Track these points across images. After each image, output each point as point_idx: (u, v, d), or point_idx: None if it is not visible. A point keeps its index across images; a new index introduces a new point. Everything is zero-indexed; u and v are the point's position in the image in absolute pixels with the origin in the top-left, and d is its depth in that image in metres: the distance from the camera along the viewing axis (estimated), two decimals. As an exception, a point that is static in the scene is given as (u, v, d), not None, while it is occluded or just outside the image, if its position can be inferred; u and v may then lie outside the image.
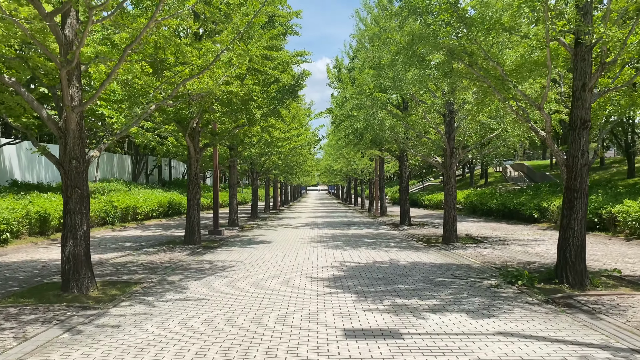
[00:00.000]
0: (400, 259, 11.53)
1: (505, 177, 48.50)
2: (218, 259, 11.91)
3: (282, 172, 36.28)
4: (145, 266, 10.74)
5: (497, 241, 15.03)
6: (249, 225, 22.89)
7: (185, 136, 14.37)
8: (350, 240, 16.06)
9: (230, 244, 15.15)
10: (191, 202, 15.07)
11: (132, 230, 20.63)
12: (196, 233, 15.05)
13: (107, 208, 21.26)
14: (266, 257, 11.99)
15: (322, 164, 55.49)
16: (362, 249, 13.58)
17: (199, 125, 14.94)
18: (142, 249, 13.76)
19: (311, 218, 29.26)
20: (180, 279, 9.19)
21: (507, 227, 20.10)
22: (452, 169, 14.93)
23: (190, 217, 15.04)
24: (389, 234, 18.13)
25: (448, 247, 13.62)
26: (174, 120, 13.97)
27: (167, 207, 28.53)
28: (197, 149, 15.01)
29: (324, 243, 15.11)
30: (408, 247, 13.85)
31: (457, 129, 14.41)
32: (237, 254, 12.68)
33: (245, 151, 21.72)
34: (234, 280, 8.96)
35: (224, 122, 16.56)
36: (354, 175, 42.65)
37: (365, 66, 15.12)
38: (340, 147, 32.74)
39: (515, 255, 11.81)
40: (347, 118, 19.93)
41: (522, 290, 7.67)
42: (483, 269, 9.93)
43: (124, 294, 7.85)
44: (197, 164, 15.12)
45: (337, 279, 8.92)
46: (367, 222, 24.71)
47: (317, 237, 17.02)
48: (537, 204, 21.37)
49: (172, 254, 12.76)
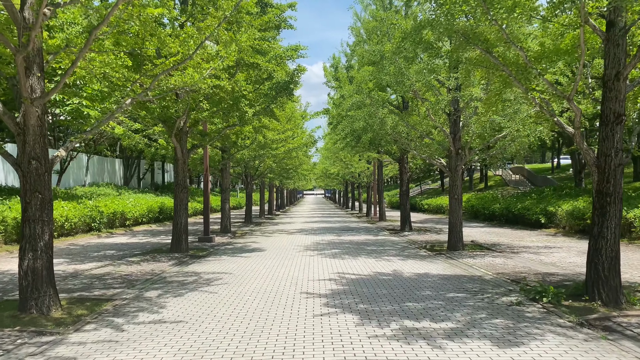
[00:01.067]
0: (405, 269, 10.53)
1: (506, 180, 47.63)
2: (205, 270, 10.88)
3: (278, 175, 35.26)
4: (123, 279, 9.70)
5: (506, 249, 14.05)
6: (242, 232, 21.84)
7: (172, 136, 13.35)
8: (348, 247, 15.04)
9: (220, 253, 14.11)
10: (178, 208, 14.04)
11: (118, 237, 19.57)
12: (183, 241, 14.02)
13: (92, 213, 20.19)
14: (257, 268, 10.97)
15: (319, 167, 54.47)
16: (362, 257, 12.57)
17: (187, 125, 13.93)
18: (125, 258, 12.72)
19: (307, 223, 28.24)
20: (159, 294, 8.15)
21: (514, 233, 19.13)
22: (457, 171, 13.96)
23: (177, 223, 14.01)
24: (390, 241, 17.13)
25: (454, 256, 12.64)
26: (158, 120, 12.96)
27: (157, 212, 27.46)
28: (184, 150, 14.00)
29: (320, 251, 14.09)
30: (411, 256, 12.85)
31: (463, 129, 13.45)
32: (226, 264, 11.65)
33: (238, 154, 20.70)
34: (219, 296, 7.94)
35: (214, 121, 15.56)
36: (351, 179, 41.67)
37: (365, 61, 14.17)
38: (338, 149, 31.77)
39: (530, 265, 10.82)
40: (344, 118, 18.96)
41: (548, 309, 6.68)
42: (497, 281, 8.93)
43: (92, 313, 6.81)
44: (185, 167, 14.11)
45: (336, 294, 7.91)
46: (366, 228, 23.70)
47: (314, 245, 16.01)
48: (543, 209, 20.43)
49: (155, 264, 11.72)
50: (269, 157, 22.46)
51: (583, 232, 17.33)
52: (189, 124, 14.34)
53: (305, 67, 13.46)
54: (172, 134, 13.33)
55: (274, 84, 13.11)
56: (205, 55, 9.53)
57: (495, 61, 6.75)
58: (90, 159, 35.80)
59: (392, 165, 34.24)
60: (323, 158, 49.95)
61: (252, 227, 24.84)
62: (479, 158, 14.29)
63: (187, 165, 14.17)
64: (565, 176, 40.72)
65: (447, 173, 14.14)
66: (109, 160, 40.65)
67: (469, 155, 13.66)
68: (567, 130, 7.01)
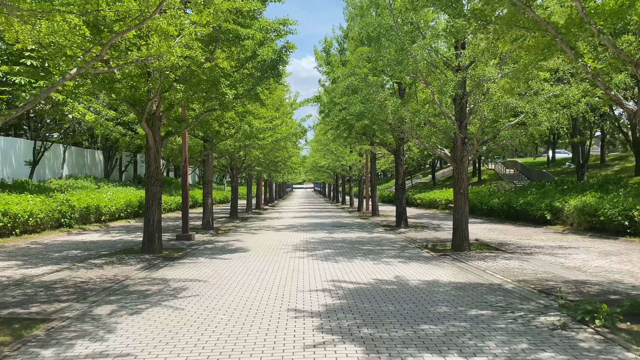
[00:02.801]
0: (409, 275, 9.05)
1: (499, 175, 46.48)
2: (176, 276, 9.30)
3: (266, 168, 33.63)
4: (76, 288, 8.11)
5: (517, 249, 12.64)
6: (225, 228, 20.25)
7: (142, 122, 11.72)
8: (342, 247, 13.54)
9: (197, 253, 12.53)
10: (150, 203, 12.43)
11: (90, 233, 17.89)
12: (156, 240, 12.42)
13: (62, 208, 18.47)
14: (238, 274, 9.42)
15: (309, 160, 52.92)
16: (358, 260, 11.07)
17: (160, 109, 12.30)
18: (87, 260, 11.11)
19: (297, 219, 26.70)
20: (111, 311, 6.58)
21: (518, 230, 17.76)
22: (463, 162, 12.50)
23: (149, 220, 12.40)
24: (386, 239, 15.66)
25: (462, 258, 11.20)
26: (125, 102, 11.31)
27: (137, 207, 25.74)
28: (157, 137, 12.37)
29: (311, 252, 12.57)
30: (413, 258, 11.38)
31: (472, 115, 11.98)
32: (202, 269, 10.08)
33: (221, 144, 19.07)
34: (185, 315, 6.39)
35: (193, 107, 13.95)
36: (341, 172, 40.19)
37: (361, 38, 12.59)
38: (329, 140, 30.29)
39: (552, 270, 9.40)
40: (337, 105, 17.41)
41: (604, 335, 5.22)
42: (523, 292, 7.49)
43: (15, 342, 5.24)
44: (158, 156, 12.49)
45: (332, 313, 6.39)
46: (359, 224, 22.22)
47: (303, 244, 14.48)
48: (548, 204, 19.09)
49: (120, 268, 10.13)
50: (255, 148, 20.85)
51: (594, 229, 16.01)
52: (163, 108, 12.70)
53: (294, 45, 11.87)
54: (143, 119, 11.70)
55: (258, 62, 11.51)
56: (173, 21, 7.93)
57: (537, 17, 5.27)
58: (67, 149, 33.89)
59: (385, 159, 32.79)
60: (313, 151, 48.43)
61: (237, 223, 23.25)
62: (488, 148, 12.85)
63: (160, 154, 12.55)
64: (561, 170, 39.61)
65: (452, 165, 12.68)
66: (88, 152, 38.72)
67: (477, 145, 12.20)
68: (627, 107, 5.53)
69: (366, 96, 11.16)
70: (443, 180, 56.95)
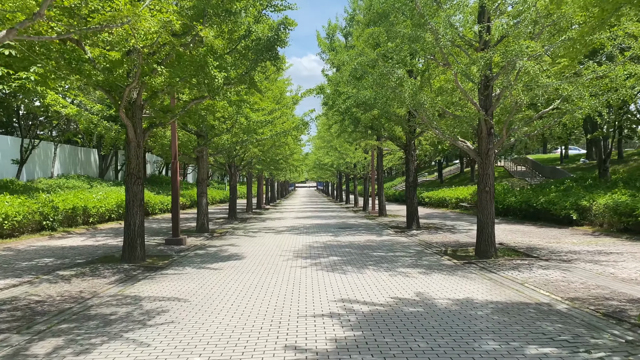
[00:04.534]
0: (434, 292, 7.47)
1: (510, 172, 44.76)
2: (152, 292, 7.75)
3: (267, 166, 32.04)
4: (26, 310, 6.57)
5: (550, 255, 11.04)
6: (222, 230, 18.69)
7: (119, 111, 10.15)
8: (349, 253, 11.95)
9: (185, 262, 10.96)
10: (130, 204, 10.88)
11: (74, 237, 16.36)
12: (138, 246, 10.87)
13: (44, 210, 16.94)
14: (227, 290, 7.85)
15: (311, 158, 51.28)
16: (370, 270, 9.49)
17: (141, 97, 10.74)
18: (56, 272, 9.57)
19: (299, 219, 25.13)
20: (54, 349, 5.02)
21: (542, 232, 16.14)
22: (489, 156, 10.90)
23: (129, 224, 10.85)
24: (398, 243, 14.07)
25: (490, 266, 9.61)
26: (99, 87, 9.74)
27: (130, 207, 24.17)
28: (138, 129, 10.82)
29: (315, 259, 10.99)
30: (434, 267, 9.79)
31: (500, 101, 10.38)
32: (186, 282, 8.52)
33: (216, 138, 17.50)
34: (149, 355, 4.82)
35: (181, 96, 12.41)
36: (345, 170, 38.58)
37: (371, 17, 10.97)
38: (332, 136, 28.72)
39: (605, 284, 7.80)
40: (341, 95, 15.81)
41: None
42: (584, 317, 5.90)
43: None
44: (140, 151, 10.93)
45: (344, 352, 4.80)
46: (366, 225, 20.63)
47: (306, 249, 12.91)
48: (574, 203, 17.45)
49: (91, 282, 8.60)
50: (253, 144, 19.26)
51: (629, 230, 14.39)
52: (145, 96, 11.15)
53: (294, 21, 10.27)
54: (121, 108, 10.13)
55: (252, 41, 9.92)
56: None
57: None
58: (59, 147, 32.38)
59: (392, 155, 31.15)
60: (315, 148, 46.82)
61: (235, 225, 21.69)
62: (517, 139, 11.24)
63: (142, 149, 10.98)
64: (576, 167, 37.87)
65: (476, 159, 11.08)
66: (83, 150, 37.20)
67: (506, 136, 10.60)
68: None
69: (377, 79, 9.54)
70: (450, 178, 55.29)
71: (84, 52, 9.16)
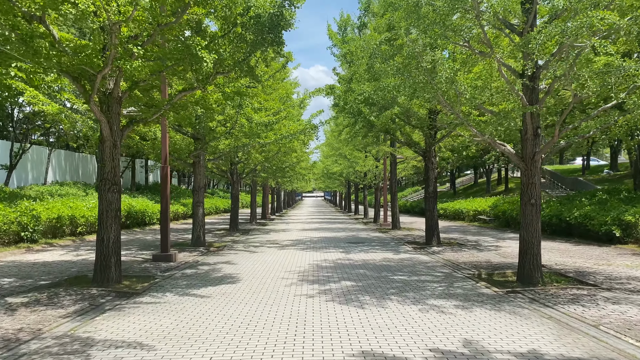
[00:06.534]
0: (485, 341, 5.57)
1: (527, 183, 42.67)
2: (110, 334, 5.90)
3: (272, 174, 30.24)
4: None
5: (608, 281, 9.09)
6: (220, 244, 16.85)
7: (90, 102, 8.39)
8: (365, 276, 10.06)
9: (168, 285, 9.12)
10: (104, 216, 9.09)
11: (54, 250, 14.62)
12: (112, 266, 9.06)
13: (22, 219, 15.20)
14: (207, 335, 5.99)
15: (319, 167, 49.46)
16: (394, 302, 7.59)
17: (119, 87, 8.99)
18: (5, 297, 7.79)
19: (305, 231, 23.25)
20: None
21: (582, 251, 14.15)
22: (535, 161, 9.03)
23: (102, 239, 9.05)
24: (420, 262, 12.15)
25: (541, 297, 7.71)
26: (63, 72, 7.99)
27: (124, 217, 22.49)
28: (114, 126, 9.05)
29: (323, 285, 9.11)
30: (472, 298, 7.88)
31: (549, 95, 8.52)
32: (159, 318, 6.67)
33: (214, 142, 15.73)
34: None
35: (169, 84, 10.67)
36: (355, 179, 36.71)
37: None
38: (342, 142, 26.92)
39: None
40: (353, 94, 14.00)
41: None
42: None
43: None
44: (116, 152, 9.16)
45: None
46: (379, 239, 18.71)
47: (313, 269, 11.03)
48: (616, 218, 15.46)
49: (42, 313, 6.79)
50: (255, 149, 17.47)
51: (688, 251, 12.40)
52: (124, 87, 9.40)
53: (301, -4, 8.48)
54: (91, 99, 8.37)
55: (251, 19, 8.14)
56: None
57: None
58: (53, 153, 30.79)
59: (405, 164, 29.27)
60: (323, 157, 45.01)
61: (236, 237, 19.86)
62: (569, 141, 9.34)
63: (119, 149, 9.20)
64: (599, 178, 35.77)
65: (520, 165, 9.19)
66: (80, 156, 35.61)
67: (558, 136, 8.71)
68: None
69: (404, 62, 7.68)
70: (463, 188, 53.25)
71: (49, 31, 7.44)
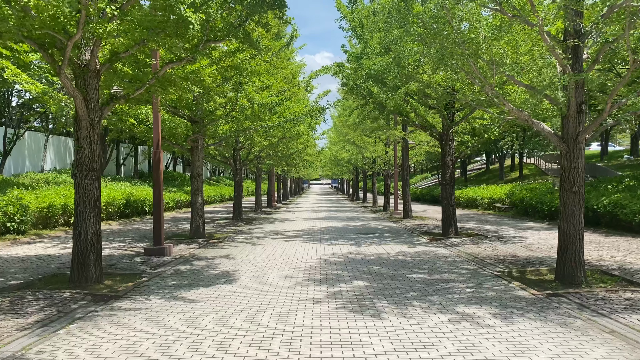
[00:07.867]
0: (541, 365, 4.37)
1: (542, 169, 41.20)
2: (71, 355, 4.76)
3: (277, 161, 29.04)
4: None
5: (664, 282, 7.84)
6: (221, 235, 15.72)
7: (60, 75, 7.19)
8: (380, 274, 8.85)
9: (153, 287, 7.97)
10: (81, 206, 7.93)
11: (41, 243, 13.56)
12: (92, 263, 7.94)
13: (8, 209, 14.12)
14: (193, 353, 4.83)
15: (326, 154, 48.19)
16: (417, 309, 6.39)
17: (96, 59, 7.77)
18: (-36, 302, 6.68)
19: (312, 220, 22.09)
20: None
21: (616, 243, 12.87)
22: (579, 142, 7.76)
23: (79, 233, 7.91)
24: (439, 257, 10.93)
25: (590, 302, 6.48)
26: (25, 38, 6.77)
27: (123, 206, 21.43)
28: (92, 104, 7.85)
29: (333, 286, 7.92)
30: (509, 304, 6.65)
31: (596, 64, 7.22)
32: (134, 331, 5.50)
33: (212, 125, 14.52)
34: None
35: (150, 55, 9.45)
36: (363, 166, 35.42)
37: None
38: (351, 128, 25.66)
39: None
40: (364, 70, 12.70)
41: None
42: None
43: None
44: (94, 134, 7.97)
45: None
46: (391, 230, 17.50)
47: (321, 266, 9.85)
48: (652, 206, 14.13)
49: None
50: (258, 133, 16.26)
51: None
52: (103, 59, 8.17)
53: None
54: (62, 71, 7.17)
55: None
56: None
57: None
58: (50, 139, 29.75)
59: (417, 149, 27.90)
60: (331, 143, 43.72)
61: (239, 227, 18.74)
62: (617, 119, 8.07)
63: (97, 130, 8.02)
64: (620, 164, 34.26)
65: (560, 146, 7.91)
66: (81, 143, 34.55)
67: (608, 112, 7.41)
68: None
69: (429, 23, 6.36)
70: (475, 175, 51.81)
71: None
